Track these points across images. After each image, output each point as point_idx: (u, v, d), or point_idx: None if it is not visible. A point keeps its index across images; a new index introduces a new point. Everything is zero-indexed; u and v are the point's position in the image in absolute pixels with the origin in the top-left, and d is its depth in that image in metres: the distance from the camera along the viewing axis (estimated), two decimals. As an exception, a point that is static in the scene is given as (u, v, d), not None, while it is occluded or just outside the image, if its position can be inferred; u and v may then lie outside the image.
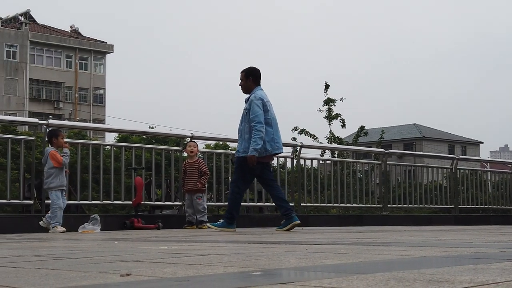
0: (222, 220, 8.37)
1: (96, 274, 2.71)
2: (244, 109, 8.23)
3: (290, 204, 12.32)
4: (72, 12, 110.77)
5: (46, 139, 8.94)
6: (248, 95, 8.24)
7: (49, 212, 8.48)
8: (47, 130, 9.16)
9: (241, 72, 8.35)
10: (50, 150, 8.48)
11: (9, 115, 48.00)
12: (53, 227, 8.33)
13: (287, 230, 8.00)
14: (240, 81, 8.33)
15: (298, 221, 8.14)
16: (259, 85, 8.28)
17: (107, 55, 63.04)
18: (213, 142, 31.32)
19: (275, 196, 8.35)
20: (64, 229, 8.36)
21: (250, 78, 8.23)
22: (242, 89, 8.33)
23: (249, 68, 8.33)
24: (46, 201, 8.97)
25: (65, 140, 9.14)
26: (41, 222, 8.42)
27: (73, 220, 9.13)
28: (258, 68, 8.37)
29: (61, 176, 8.54)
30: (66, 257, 3.75)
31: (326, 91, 25.15)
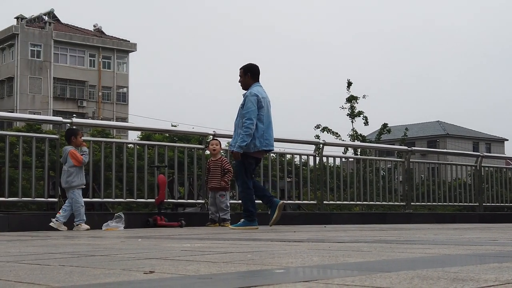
0: (242, 220, 8.40)
1: (120, 271, 2.72)
2: (240, 105, 8.36)
3: (313, 202, 12.32)
4: (95, 11, 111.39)
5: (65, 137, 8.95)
6: (246, 91, 8.40)
7: (60, 212, 8.42)
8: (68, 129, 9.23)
9: (240, 69, 8.47)
10: (70, 149, 8.50)
11: (34, 113, 48.52)
12: (77, 225, 8.37)
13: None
14: (239, 77, 8.46)
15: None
16: (258, 81, 8.39)
17: (130, 54, 63.39)
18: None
19: (248, 198, 8.47)
20: (88, 226, 8.41)
21: (248, 74, 8.37)
22: (241, 85, 8.46)
23: (247, 64, 8.45)
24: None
25: (89, 138, 9.21)
26: (51, 223, 8.33)
27: (97, 217, 9.20)
28: (257, 65, 8.47)
29: (81, 174, 8.58)
30: (90, 255, 3.78)
31: (349, 88, 25.04)
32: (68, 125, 9.34)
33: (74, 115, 10.69)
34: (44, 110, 55.48)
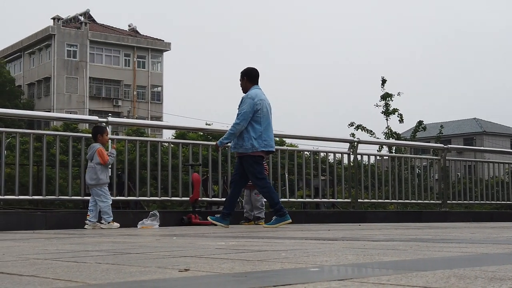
0: (275, 217, 8.42)
1: (155, 269, 2.74)
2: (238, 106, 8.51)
3: (347, 200, 12.26)
4: (130, 11, 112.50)
5: (91, 135, 8.98)
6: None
7: (89, 214, 8.42)
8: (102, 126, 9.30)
9: (240, 73, 8.61)
10: (98, 147, 8.51)
11: (70, 113, 49.18)
12: (108, 222, 8.34)
13: (214, 224, 8.31)
14: (240, 81, 8.62)
15: (228, 226, 8.35)
16: (256, 84, 8.51)
17: (164, 53, 63.83)
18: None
19: (231, 199, 8.54)
20: (118, 224, 8.47)
21: (245, 78, 8.51)
22: (242, 89, 8.59)
23: (245, 69, 8.59)
24: (86, 197, 9.06)
25: (124, 137, 9.29)
26: (86, 226, 8.37)
27: (132, 216, 9.28)
28: (255, 68, 8.60)
29: (107, 172, 8.63)
30: (126, 252, 3.82)
31: (383, 86, 24.84)
32: (104, 124, 9.43)
33: (110, 114, 10.81)
34: (80, 110, 56.20)
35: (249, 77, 8.50)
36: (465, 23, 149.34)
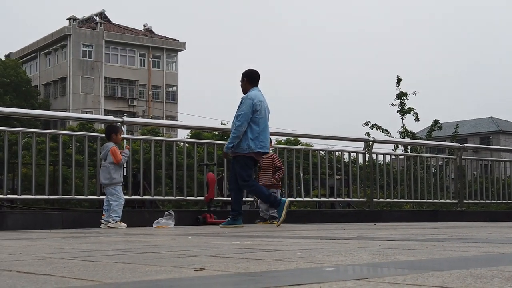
0: (278, 208, 8.48)
1: (171, 268, 2.75)
2: (237, 107, 8.53)
3: (362, 199, 12.23)
4: (145, 11, 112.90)
5: (105, 134, 8.99)
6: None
7: (104, 214, 8.44)
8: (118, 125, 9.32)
9: (241, 75, 8.67)
10: (112, 146, 8.52)
11: (86, 113, 49.43)
12: (116, 222, 8.33)
13: (228, 228, 8.21)
14: (240, 82, 8.68)
15: (242, 225, 8.39)
16: (256, 85, 8.56)
17: (179, 53, 64.00)
18: (284, 138, 31.41)
19: (236, 198, 8.58)
20: (126, 225, 8.44)
21: (245, 79, 8.57)
22: (242, 90, 8.64)
23: (246, 70, 8.65)
24: (101, 197, 9.10)
25: (139, 137, 9.31)
26: (102, 225, 8.40)
27: (148, 215, 9.31)
28: (255, 70, 8.66)
29: (121, 171, 8.64)
30: (142, 252, 3.83)
31: (398, 85, 24.72)
32: (119, 124, 9.47)
33: (125, 114, 10.85)
34: (95, 110, 56.50)
35: (250, 79, 8.56)
36: (482, 21, 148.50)
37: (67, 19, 60.32)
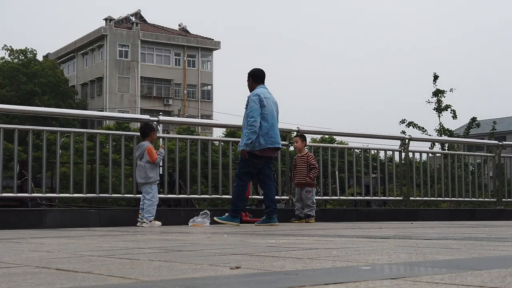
0: (227, 214, 8.43)
1: (207, 267, 2.76)
2: (244, 106, 8.54)
3: (399, 198, 12.13)
4: (180, 10, 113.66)
5: (140, 133, 9.00)
6: None
7: (140, 213, 8.47)
8: (155, 124, 9.39)
9: (247, 74, 8.71)
10: (148, 145, 8.54)
11: (122, 112, 49.95)
12: (150, 221, 8.36)
13: (263, 226, 8.12)
14: (247, 82, 8.71)
15: (278, 224, 8.33)
16: (262, 83, 8.59)
17: (214, 52, 64.24)
18: (319, 136, 31.30)
19: (267, 196, 8.51)
20: (160, 223, 8.49)
21: (251, 79, 8.62)
22: (248, 89, 8.66)
23: (251, 70, 8.70)
24: (138, 195, 9.15)
25: (174, 136, 9.37)
26: (138, 224, 8.43)
27: (183, 213, 9.36)
28: (260, 69, 8.70)
29: (157, 170, 8.68)
30: (178, 250, 3.85)
31: (435, 82, 24.44)
32: (155, 123, 9.53)
33: (161, 113, 10.94)
34: (132, 109, 57.05)
35: (255, 78, 8.60)
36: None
37: (103, 19, 61.05)
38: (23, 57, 56.24)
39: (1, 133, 8.53)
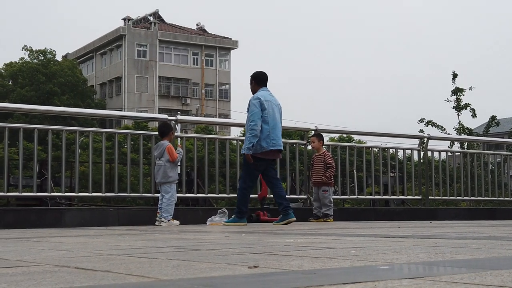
0: (234, 216, 8.39)
1: (224, 266, 2.76)
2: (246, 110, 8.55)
3: (417, 197, 12.07)
4: (198, 10, 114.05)
5: (158, 132, 9.01)
6: None
7: (159, 212, 8.49)
8: (173, 124, 9.41)
9: (250, 77, 8.73)
10: (167, 145, 8.55)
11: (141, 111, 50.15)
12: (168, 220, 8.37)
13: (284, 224, 8.13)
14: (250, 85, 8.74)
15: (294, 218, 8.30)
16: (264, 86, 8.59)
17: (232, 51, 64.32)
18: (337, 135, 31.23)
19: (276, 194, 8.49)
20: (178, 222, 8.51)
21: (253, 82, 8.62)
22: (251, 92, 8.66)
23: (254, 72, 8.71)
24: (156, 194, 9.16)
25: (192, 135, 9.40)
26: (156, 223, 8.47)
27: (201, 213, 9.39)
28: (262, 72, 8.71)
29: (176, 169, 8.69)
30: (196, 249, 3.86)
31: (454, 80, 24.31)
32: (173, 122, 9.56)
33: (179, 112, 10.97)
34: (150, 108, 57.27)
35: (257, 81, 8.60)
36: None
37: (122, 19, 61.39)
38: (42, 58, 56.70)
39: (21, 133, 8.62)
